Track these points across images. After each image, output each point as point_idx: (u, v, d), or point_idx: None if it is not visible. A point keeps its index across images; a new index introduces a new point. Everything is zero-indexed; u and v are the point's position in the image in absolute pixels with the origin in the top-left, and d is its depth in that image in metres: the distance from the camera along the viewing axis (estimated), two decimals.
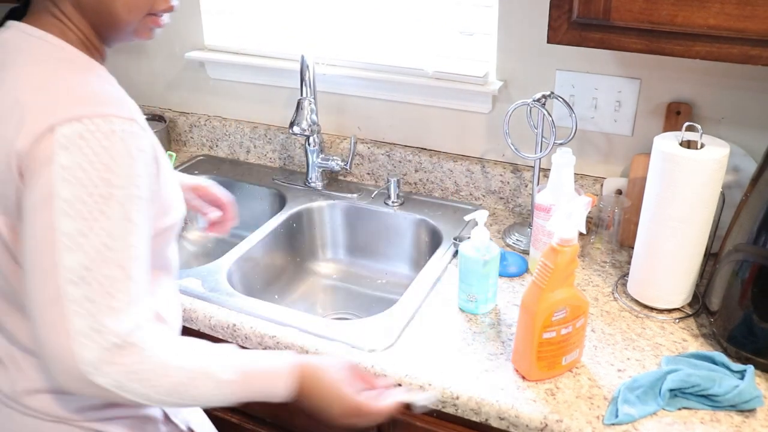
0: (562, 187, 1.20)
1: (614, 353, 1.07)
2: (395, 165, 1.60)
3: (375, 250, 1.57)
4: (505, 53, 1.41)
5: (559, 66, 1.37)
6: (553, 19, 1.03)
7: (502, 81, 1.43)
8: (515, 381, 1.02)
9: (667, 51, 0.99)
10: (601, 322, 1.14)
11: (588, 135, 1.41)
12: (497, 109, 1.47)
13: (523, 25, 1.36)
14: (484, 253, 1.12)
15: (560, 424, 0.94)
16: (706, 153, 1.04)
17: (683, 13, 0.94)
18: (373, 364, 1.05)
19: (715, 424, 0.93)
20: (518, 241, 1.39)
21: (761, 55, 0.93)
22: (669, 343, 1.09)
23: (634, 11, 0.97)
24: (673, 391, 0.96)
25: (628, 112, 1.35)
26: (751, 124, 1.26)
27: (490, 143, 1.51)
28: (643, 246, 1.14)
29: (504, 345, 1.09)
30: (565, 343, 1.00)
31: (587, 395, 0.99)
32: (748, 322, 1.02)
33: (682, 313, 1.16)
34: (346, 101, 1.61)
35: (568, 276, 0.96)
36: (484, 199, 1.55)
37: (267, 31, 1.69)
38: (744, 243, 1.03)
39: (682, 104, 1.29)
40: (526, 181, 1.48)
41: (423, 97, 1.52)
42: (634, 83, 1.32)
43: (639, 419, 0.94)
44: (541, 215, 1.21)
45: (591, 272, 1.29)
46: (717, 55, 0.95)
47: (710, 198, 1.06)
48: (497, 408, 0.98)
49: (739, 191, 1.23)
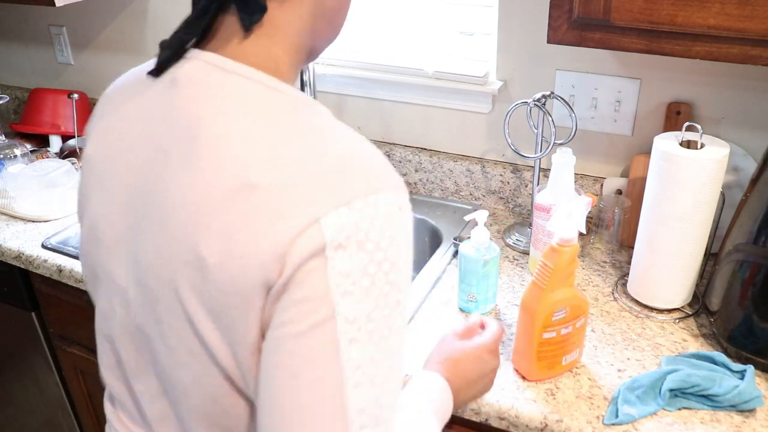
0: (562, 187, 1.20)
1: (614, 353, 1.07)
2: (395, 165, 1.60)
3: None
4: (505, 53, 1.41)
5: (559, 66, 1.37)
6: (553, 19, 1.03)
7: (502, 81, 1.43)
8: (515, 381, 1.02)
9: (667, 51, 0.99)
10: (601, 322, 1.14)
11: (588, 135, 1.41)
12: (497, 109, 1.47)
13: (523, 25, 1.36)
14: (484, 253, 1.12)
15: (560, 424, 0.94)
16: (706, 153, 1.04)
17: (683, 13, 0.94)
18: None
19: (715, 424, 0.93)
20: (518, 241, 1.39)
21: (761, 55, 0.93)
22: (669, 343, 1.09)
23: (634, 11, 0.97)
24: (673, 391, 0.96)
25: (628, 112, 1.35)
26: (752, 124, 1.26)
27: (490, 143, 1.51)
28: (643, 246, 1.14)
29: (504, 345, 1.09)
30: (565, 343, 1.00)
31: (587, 395, 0.99)
32: (748, 322, 1.02)
33: (682, 313, 1.16)
34: (346, 101, 1.61)
35: (568, 276, 0.96)
36: (484, 199, 1.55)
37: None
38: (744, 243, 1.03)
39: (682, 104, 1.29)
40: (526, 181, 1.48)
41: (423, 97, 1.52)
42: (634, 83, 1.32)
43: (639, 419, 0.94)
44: (541, 215, 1.21)
45: (591, 272, 1.29)
46: (717, 55, 0.95)
47: (710, 198, 1.06)
48: (497, 408, 0.98)
49: (739, 191, 1.23)
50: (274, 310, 0.55)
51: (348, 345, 0.54)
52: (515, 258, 1.34)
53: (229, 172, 0.56)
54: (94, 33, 1.92)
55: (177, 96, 0.62)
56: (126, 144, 0.66)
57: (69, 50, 1.99)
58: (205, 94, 0.60)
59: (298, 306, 0.54)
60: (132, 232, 0.64)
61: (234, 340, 0.58)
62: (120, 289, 0.67)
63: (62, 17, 1.94)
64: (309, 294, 0.54)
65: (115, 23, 1.86)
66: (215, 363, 0.60)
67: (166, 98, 0.63)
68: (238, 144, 0.57)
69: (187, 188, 0.58)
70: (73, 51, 1.99)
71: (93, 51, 1.95)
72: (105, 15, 1.86)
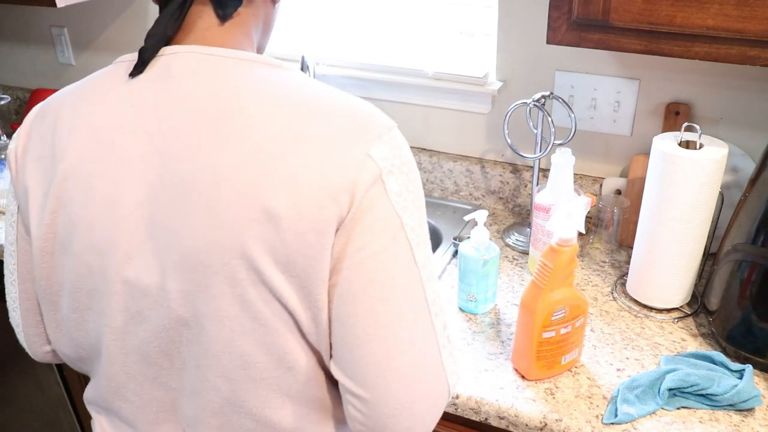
0: (562, 187, 1.20)
1: (613, 353, 1.07)
2: None
3: None
4: (505, 53, 1.42)
5: (558, 66, 1.37)
6: (553, 20, 1.04)
7: (502, 81, 1.44)
8: (515, 380, 1.02)
9: (666, 51, 0.99)
10: (601, 322, 1.15)
11: (587, 135, 1.41)
12: (497, 109, 1.47)
13: (523, 26, 1.37)
14: (484, 253, 1.12)
15: (559, 423, 0.95)
16: (705, 153, 1.05)
17: (682, 14, 0.94)
18: None
19: (714, 424, 0.94)
20: (518, 241, 1.39)
21: (760, 55, 0.93)
22: (668, 343, 1.09)
23: (633, 12, 0.97)
24: (672, 390, 0.96)
25: (627, 113, 1.35)
26: (750, 124, 1.26)
27: (490, 143, 1.51)
28: (642, 246, 1.14)
29: (503, 344, 1.10)
30: (565, 342, 1.00)
31: (586, 395, 0.99)
32: (747, 322, 1.03)
33: (681, 313, 1.16)
34: None
35: (567, 276, 0.96)
36: (483, 199, 1.55)
37: None
38: (743, 243, 1.03)
39: (681, 104, 1.29)
40: (526, 181, 1.48)
41: (423, 98, 1.52)
42: (634, 84, 1.32)
43: (638, 419, 0.94)
44: (540, 215, 1.21)
45: (590, 272, 1.29)
46: (716, 55, 0.96)
47: (709, 198, 1.06)
48: (497, 407, 0.98)
49: (738, 191, 1.23)
50: (350, 239, 0.63)
51: (417, 248, 0.66)
52: (515, 258, 1.35)
53: (276, 130, 0.63)
54: (95, 34, 1.92)
55: (183, 86, 0.66)
56: (124, 149, 0.67)
57: (70, 51, 1.99)
58: (216, 78, 0.66)
59: (373, 227, 0.63)
60: (160, 228, 0.66)
61: (307, 284, 0.64)
62: (148, 290, 0.68)
63: (63, 18, 1.95)
64: (380, 215, 0.63)
65: (117, 24, 1.87)
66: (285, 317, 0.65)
67: (166, 90, 0.66)
68: (271, 111, 0.64)
69: (234, 157, 0.62)
70: (75, 52, 1.99)
71: (94, 51, 1.95)
72: (106, 16, 1.87)
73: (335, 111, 0.65)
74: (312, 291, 0.64)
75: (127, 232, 0.67)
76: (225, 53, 0.67)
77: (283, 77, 0.67)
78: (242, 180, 0.62)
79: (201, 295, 0.65)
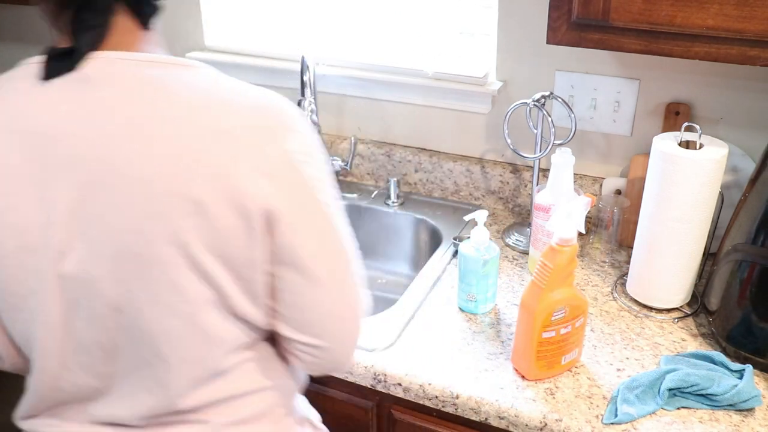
0: (562, 187, 1.20)
1: (613, 353, 1.07)
2: (395, 165, 1.61)
3: (375, 250, 1.57)
4: (505, 53, 1.42)
5: (558, 66, 1.37)
6: (553, 20, 1.04)
7: (502, 81, 1.44)
8: (515, 380, 1.02)
9: (666, 51, 0.99)
10: (601, 322, 1.15)
11: (587, 135, 1.41)
12: (497, 109, 1.47)
13: (523, 26, 1.37)
14: (484, 253, 1.12)
15: (559, 423, 0.95)
16: (705, 153, 1.05)
17: (682, 14, 0.94)
18: (373, 364, 1.06)
19: (713, 424, 0.94)
20: (518, 241, 1.39)
21: (760, 55, 0.93)
22: (668, 343, 1.09)
23: (633, 12, 0.97)
24: (672, 390, 0.96)
25: (627, 113, 1.35)
26: (750, 124, 1.26)
27: (490, 143, 1.51)
28: (642, 246, 1.14)
29: (503, 344, 1.10)
30: (565, 342, 1.00)
31: (586, 395, 0.99)
32: (747, 322, 1.03)
33: (681, 313, 1.16)
34: (346, 102, 1.62)
35: (567, 276, 0.96)
36: (483, 199, 1.55)
37: (267, 32, 1.69)
38: (743, 243, 1.03)
39: (681, 104, 1.29)
40: (526, 181, 1.48)
41: (423, 98, 1.52)
42: (633, 84, 1.32)
43: (638, 419, 0.94)
44: (540, 215, 1.21)
45: (590, 272, 1.29)
46: (716, 55, 0.96)
47: (709, 198, 1.06)
48: (497, 407, 0.98)
49: (738, 191, 1.23)
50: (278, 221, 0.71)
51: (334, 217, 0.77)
52: (515, 258, 1.35)
53: (197, 127, 0.68)
54: None
55: (104, 91, 0.69)
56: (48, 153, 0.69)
57: None
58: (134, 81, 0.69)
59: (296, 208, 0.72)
60: (93, 224, 0.69)
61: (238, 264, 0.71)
62: (84, 282, 0.71)
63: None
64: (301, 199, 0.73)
65: None
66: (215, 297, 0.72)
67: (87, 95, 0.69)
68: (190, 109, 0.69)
69: (160, 154, 0.67)
70: None
71: None
72: None
73: (250, 105, 0.72)
74: (244, 272, 0.72)
75: (60, 232, 0.70)
76: (140, 57, 0.71)
77: (199, 76, 0.72)
78: (170, 174, 0.67)
79: (136, 282, 0.70)
